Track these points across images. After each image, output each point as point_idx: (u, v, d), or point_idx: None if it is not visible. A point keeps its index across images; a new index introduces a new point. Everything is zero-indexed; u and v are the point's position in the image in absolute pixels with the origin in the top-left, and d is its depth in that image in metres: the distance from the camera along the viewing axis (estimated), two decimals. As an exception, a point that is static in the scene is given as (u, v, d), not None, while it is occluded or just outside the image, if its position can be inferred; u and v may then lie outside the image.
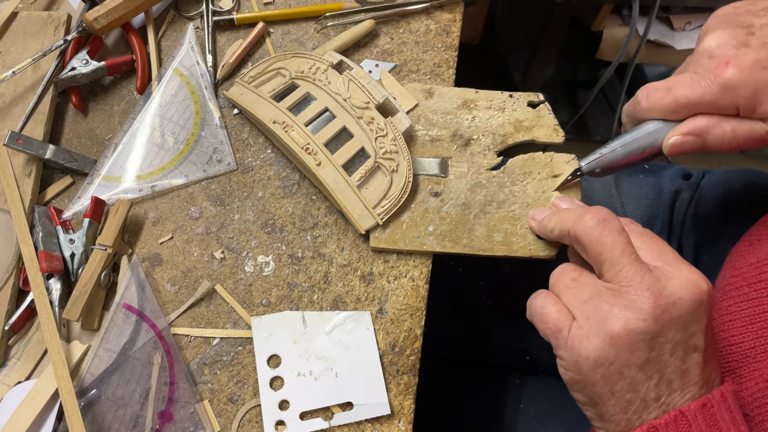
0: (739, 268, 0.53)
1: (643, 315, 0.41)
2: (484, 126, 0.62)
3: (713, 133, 0.48)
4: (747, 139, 0.47)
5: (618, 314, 0.41)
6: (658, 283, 0.41)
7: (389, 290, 0.57)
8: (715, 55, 0.48)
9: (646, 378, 0.42)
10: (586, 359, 0.42)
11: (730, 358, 0.50)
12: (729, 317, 0.51)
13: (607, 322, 0.42)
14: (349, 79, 0.61)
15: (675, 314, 0.41)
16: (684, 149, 0.49)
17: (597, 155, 0.55)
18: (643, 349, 0.41)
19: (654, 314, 0.41)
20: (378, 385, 0.53)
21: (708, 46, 0.49)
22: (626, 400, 0.42)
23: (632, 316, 0.41)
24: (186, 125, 0.63)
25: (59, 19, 0.67)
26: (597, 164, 0.55)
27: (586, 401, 0.45)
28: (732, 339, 0.50)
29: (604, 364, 0.42)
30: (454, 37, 0.69)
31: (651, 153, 0.52)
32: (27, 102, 0.63)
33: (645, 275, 0.42)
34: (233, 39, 0.68)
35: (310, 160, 0.57)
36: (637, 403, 0.42)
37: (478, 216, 0.58)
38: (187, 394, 0.53)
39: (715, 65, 0.47)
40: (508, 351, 0.77)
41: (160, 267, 0.58)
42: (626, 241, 0.43)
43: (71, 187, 0.62)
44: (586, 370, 0.43)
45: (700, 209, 0.72)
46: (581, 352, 0.42)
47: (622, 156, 0.54)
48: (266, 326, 0.55)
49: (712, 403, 0.42)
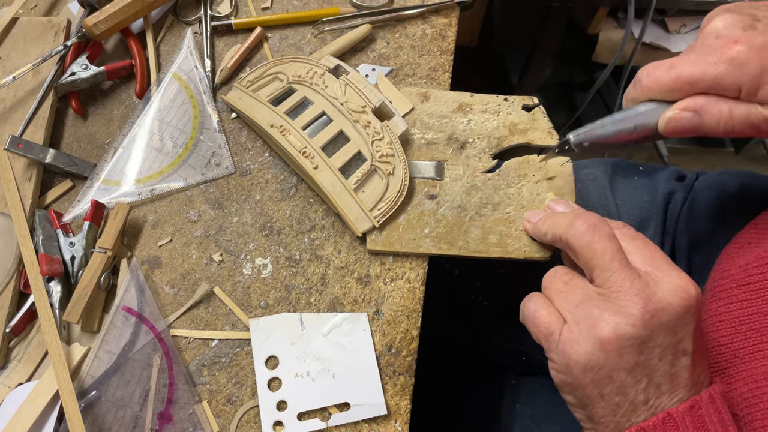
0: (728, 270, 0.54)
1: (632, 320, 0.41)
2: (480, 129, 0.63)
3: (710, 111, 0.46)
4: (742, 123, 0.46)
5: (608, 319, 0.42)
6: (647, 289, 0.42)
7: (386, 292, 0.57)
8: (723, 35, 0.47)
9: (635, 381, 0.42)
10: (576, 363, 0.43)
11: (719, 359, 0.50)
12: (718, 318, 0.52)
13: (597, 327, 0.42)
14: (345, 83, 0.61)
15: (664, 319, 0.42)
16: (680, 126, 0.48)
17: (587, 128, 0.54)
18: (632, 354, 0.42)
19: (643, 319, 0.41)
20: (375, 385, 0.54)
21: (715, 27, 0.48)
22: (615, 403, 0.43)
23: (621, 321, 0.42)
24: (185, 129, 0.64)
25: (59, 24, 0.68)
26: (586, 137, 0.54)
27: (576, 403, 0.46)
28: (721, 340, 0.51)
29: (593, 368, 0.43)
30: (449, 41, 0.69)
31: (643, 134, 0.51)
32: (27, 107, 0.63)
33: (634, 281, 0.42)
34: (231, 44, 0.69)
35: (307, 164, 0.58)
36: (626, 406, 0.43)
37: (474, 218, 0.59)
38: (186, 395, 0.53)
39: (722, 44, 0.46)
40: (504, 352, 0.77)
41: (159, 269, 0.59)
42: (616, 247, 0.44)
43: (71, 190, 0.62)
44: (576, 373, 0.43)
45: (694, 211, 0.73)
46: (571, 356, 0.43)
47: (612, 133, 0.52)
48: (264, 328, 0.56)
49: (699, 405, 0.42)
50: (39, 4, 0.71)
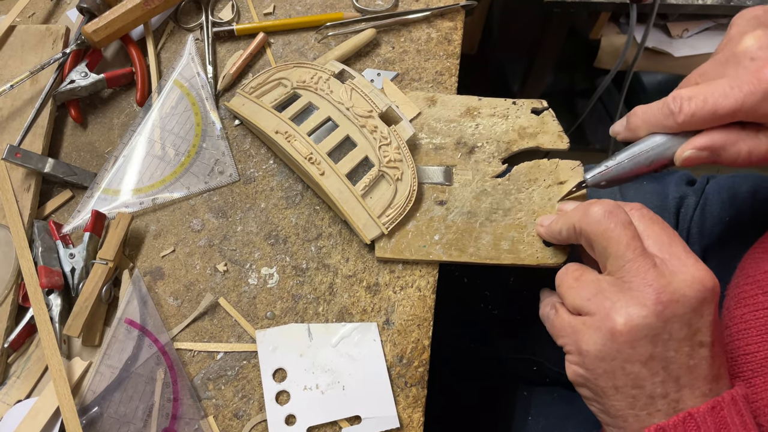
0: (753, 275, 0.53)
1: (644, 311, 0.41)
2: (488, 133, 0.61)
3: (729, 150, 0.46)
4: (760, 159, 0.46)
5: (620, 310, 0.42)
6: (661, 279, 0.41)
7: (396, 301, 0.56)
8: (758, 57, 0.45)
9: (651, 374, 0.42)
10: (587, 352, 0.43)
11: (745, 368, 0.49)
12: (744, 326, 0.50)
13: (609, 318, 0.42)
14: (351, 88, 0.60)
15: (678, 311, 0.41)
16: (698, 162, 0.48)
17: (603, 168, 0.54)
18: (645, 345, 0.41)
19: (656, 311, 0.41)
20: (386, 397, 0.52)
21: (749, 47, 0.46)
22: (632, 396, 0.42)
23: (634, 312, 0.41)
24: (187, 137, 0.63)
25: (58, 32, 0.67)
26: (602, 177, 0.54)
27: (591, 396, 0.45)
28: (747, 348, 0.49)
29: (606, 358, 0.42)
30: (455, 45, 0.68)
31: (659, 165, 0.51)
32: (25, 116, 0.62)
33: (649, 270, 0.42)
34: (233, 50, 0.68)
35: (313, 170, 0.57)
36: (644, 399, 0.42)
37: (484, 224, 0.57)
38: (192, 410, 0.52)
39: (758, 67, 0.44)
40: (515, 362, 0.76)
41: (162, 281, 0.57)
42: (632, 235, 0.43)
43: (71, 201, 0.61)
44: (588, 363, 0.43)
45: (706, 215, 0.71)
46: (582, 347, 0.43)
47: (629, 169, 0.52)
48: (271, 339, 0.54)
49: (722, 406, 0.41)
50: (37, 11, 0.70)
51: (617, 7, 1.14)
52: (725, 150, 0.46)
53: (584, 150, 1.53)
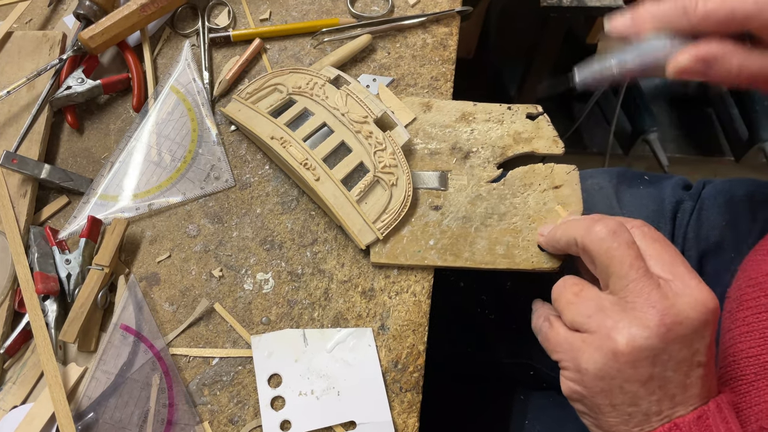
0: (755, 277, 0.53)
1: (647, 333, 0.41)
2: (483, 138, 0.62)
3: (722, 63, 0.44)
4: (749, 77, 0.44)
5: (622, 330, 0.41)
6: (665, 300, 0.41)
7: (391, 306, 0.56)
8: None
9: (648, 393, 0.42)
10: (586, 371, 0.43)
11: (747, 371, 0.49)
12: (746, 328, 0.50)
13: (610, 338, 0.42)
14: (346, 93, 0.60)
15: (681, 333, 0.41)
16: (689, 75, 0.45)
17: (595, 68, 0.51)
18: (646, 366, 0.41)
19: (659, 332, 0.41)
20: (381, 403, 0.52)
21: None
22: (627, 413, 0.42)
23: (637, 333, 0.41)
24: (183, 142, 0.63)
25: (54, 38, 0.67)
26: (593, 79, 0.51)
27: (586, 411, 0.45)
28: (750, 351, 0.49)
29: (605, 378, 0.42)
30: (451, 50, 0.68)
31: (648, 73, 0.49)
32: (22, 122, 0.62)
33: (652, 292, 0.42)
34: (230, 56, 0.68)
35: (308, 176, 0.57)
36: (639, 417, 0.42)
37: (480, 229, 0.57)
38: (187, 415, 0.52)
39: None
40: (512, 366, 0.76)
41: (157, 286, 0.57)
42: (635, 255, 0.43)
43: (67, 206, 0.61)
44: (587, 381, 0.43)
45: (703, 219, 0.71)
46: (582, 365, 0.43)
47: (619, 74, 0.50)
48: (266, 345, 0.54)
49: (707, 415, 0.42)
50: (34, 18, 0.70)
51: (614, 11, 1.15)
52: (718, 62, 0.44)
53: (582, 154, 1.53)
